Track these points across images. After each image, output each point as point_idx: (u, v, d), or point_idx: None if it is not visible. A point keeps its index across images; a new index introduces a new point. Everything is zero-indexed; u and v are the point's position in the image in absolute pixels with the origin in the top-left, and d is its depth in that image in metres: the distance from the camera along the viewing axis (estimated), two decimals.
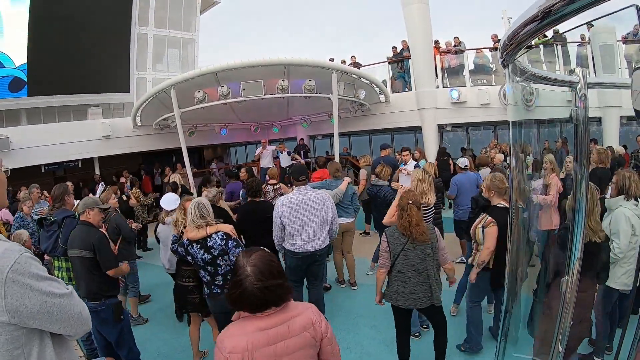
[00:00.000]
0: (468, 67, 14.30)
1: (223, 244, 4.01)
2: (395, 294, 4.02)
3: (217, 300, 4.15)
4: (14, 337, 1.46)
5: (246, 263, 1.97)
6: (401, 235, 3.96)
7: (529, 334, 3.05)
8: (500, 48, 2.04)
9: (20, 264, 1.45)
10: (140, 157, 17.73)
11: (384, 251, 4.04)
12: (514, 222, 2.79)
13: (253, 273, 1.93)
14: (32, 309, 1.46)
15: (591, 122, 6.01)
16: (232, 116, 14.99)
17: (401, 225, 3.94)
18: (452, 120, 14.22)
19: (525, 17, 1.57)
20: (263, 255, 2.03)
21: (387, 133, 18.18)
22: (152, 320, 6.23)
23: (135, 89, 17.36)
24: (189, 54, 19.88)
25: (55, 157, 13.69)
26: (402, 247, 3.94)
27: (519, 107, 2.61)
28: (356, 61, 16.17)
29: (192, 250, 4.05)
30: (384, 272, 4.08)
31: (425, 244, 3.93)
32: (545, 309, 2.81)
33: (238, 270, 1.98)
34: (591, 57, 4.77)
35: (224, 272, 4.07)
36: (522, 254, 2.83)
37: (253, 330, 1.94)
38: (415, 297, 3.96)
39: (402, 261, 3.96)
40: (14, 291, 1.41)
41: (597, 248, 3.49)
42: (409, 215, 3.90)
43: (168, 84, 11.35)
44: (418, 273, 3.94)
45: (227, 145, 22.60)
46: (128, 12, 16.73)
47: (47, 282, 1.53)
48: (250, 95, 10.80)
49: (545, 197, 4.12)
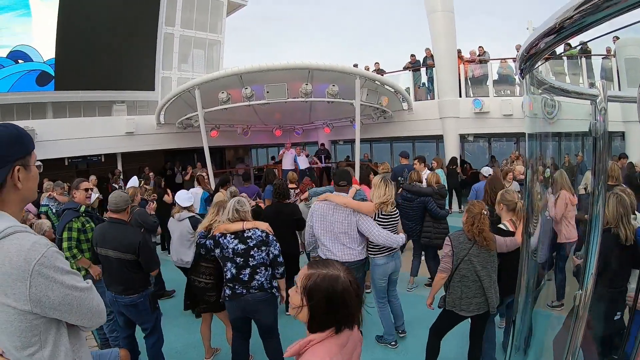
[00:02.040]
0: (492, 77, 14.18)
1: (264, 235, 4.05)
2: (459, 299, 4.01)
3: (239, 301, 4.05)
4: (33, 325, 1.53)
5: (340, 271, 1.72)
6: (466, 240, 3.99)
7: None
8: (519, 58, 2.04)
9: (47, 257, 1.51)
10: (162, 155, 17.95)
11: (447, 255, 4.04)
12: (526, 235, 2.77)
13: (349, 279, 1.70)
14: (55, 300, 1.52)
15: (614, 137, 5.92)
16: (255, 118, 15.10)
17: (471, 231, 3.95)
18: (474, 130, 14.12)
19: (543, 28, 1.57)
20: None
21: (408, 141, 18.08)
22: (165, 316, 6.28)
23: (160, 87, 17.56)
24: (214, 55, 20.07)
25: (79, 151, 13.99)
26: (466, 252, 3.96)
27: (535, 118, 2.59)
28: (380, 68, 16.16)
29: (224, 241, 4.02)
30: (446, 276, 4.07)
31: (490, 252, 3.99)
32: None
33: (330, 280, 1.69)
34: (616, 70, 4.69)
35: (254, 264, 4.01)
36: (531, 266, 2.80)
37: (337, 351, 1.67)
38: (478, 301, 3.97)
39: (466, 266, 3.96)
40: (39, 282, 1.48)
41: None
42: (481, 224, 3.92)
43: (193, 84, 11.51)
44: (479, 279, 3.95)
45: (249, 147, 22.74)
46: (155, 12, 16.95)
47: (70, 275, 1.60)
48: (273, 98, 10.88)
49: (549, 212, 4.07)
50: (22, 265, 1.46)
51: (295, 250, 6.23)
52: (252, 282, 4.01)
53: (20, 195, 1.64)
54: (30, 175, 1.67)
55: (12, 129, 1.63)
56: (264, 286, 4.07)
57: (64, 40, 14.66)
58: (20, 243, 1.49)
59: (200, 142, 12.28)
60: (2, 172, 1.56)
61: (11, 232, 1.50)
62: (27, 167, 1.65)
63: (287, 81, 10.80)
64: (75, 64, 14.99)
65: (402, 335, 5.38)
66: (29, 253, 1.48)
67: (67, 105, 15.63)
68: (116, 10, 15.56)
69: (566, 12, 1.38)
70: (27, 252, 1.48)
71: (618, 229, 3.20)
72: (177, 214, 5.87)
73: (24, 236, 1.52)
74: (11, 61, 14.13)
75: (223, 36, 20.07)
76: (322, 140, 18.29)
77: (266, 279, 4.09)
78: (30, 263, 1.46)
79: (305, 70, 10.94)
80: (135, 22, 16.43)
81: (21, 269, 1.46)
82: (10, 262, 1.45)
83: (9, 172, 1.58)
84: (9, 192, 1.60)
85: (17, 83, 14.26)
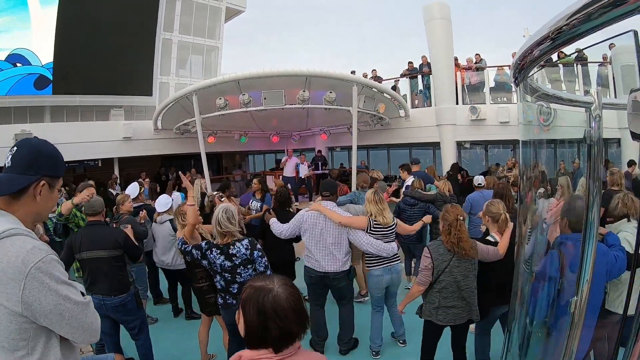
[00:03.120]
0: (488, 85, 14.25)
1: (248, 253, 3.96)
2: (435, 309, 3.91)
3: (231, 310, 4.07)
4: (22, 328, 1.52)
5: (275, 284, 1.64)
6: (446, 251, 3.84)
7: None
8: (513, 66, 2.06)
9: (44, 263, 1.52)
10: (160, 160, 17.95)
11: (427, 268, 3.88)
12: (519, 243, 2.78)
13: (285, 294, 1.60)
14: (46, 307, 1.52)
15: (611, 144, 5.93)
16: (252, 124, 15.12)
17: (449, 241, 3.81)
18: (471, 138, 14.17)
19: (536, 37, 1.59)
20: (285, 280, 1.70)
21: (405, 148, 18.12)
22: (161, 321, 6.28)
23: (158, 93, 17.58)
24: (212, 61, 20.09)
25: (76, 155, 13.91)
26: (447, 264, 3.82)
27: (528, 125, 2.61)
28: (377, 75, 16.23)
29: (211, 256, 3.97)
30: (423, 289, 3.94)
31: (471, 260, 3.88)
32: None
33: (260, 294, 1.61)
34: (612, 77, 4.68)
35: (242, 281, 3.97)
36: (524, 274, 2.81)
37: None
38: (455, 312, 3.89)
39: (447, 277, 3.83)
40: (32, 286, 1.48)
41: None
42: (459, 232, 3.80)
43: (190, 89, 11.54)
44: (459, 289, 3.85)
45: (246, 153, 22.74)
46: (154, 18, 16.99)
47: (66, 286, 1.59)
48: (271, 105, 10.91)
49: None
50: (19, 266, 1.46)
51: (290, 257, 6.25)
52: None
53: (35, 208, 1.67)
54: (51, 196, 1.71)
55: (57, 150, 1.70)
56: None
57: (63, 45, 14.68)
58: (21, 245, 1.50)
59: (197, 147, 12.30)
60: (30, 178, 1.61)
61: (14, 233, 1.51)
62: (52, 187, 1.70)
63: (284, 88, 10.83)
64: (73, 68, 15.00)
65: (402, 345, 5.36)
66: (27, 255, 1.48)
67: (65, 109, 15.63)
68: (115, 15, 15.58)
69: (559, 22, 1.40)
70: (26, 254, 1.49)
71: None
72: (159, 217, 6.25)
73: (26, 239, 1.54)
74: (9, 64, 14.14)
75: (221, 42, 20.10)
76: (319, 147, 18.31)
77: None
78: (28, 265, 1.47)
79: (303, 77, 10.96)
80: (133, 28, 16.46)
81: (17, 270, 1.46)
82: (7, 261, 1.46)
83: (36, 182, 1.62)
84: (26, 201, 1.63)
85: (15, 86, 14.27)
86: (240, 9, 21.20)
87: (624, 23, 1.21)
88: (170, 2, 17.54)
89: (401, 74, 15.79)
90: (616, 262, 2.86)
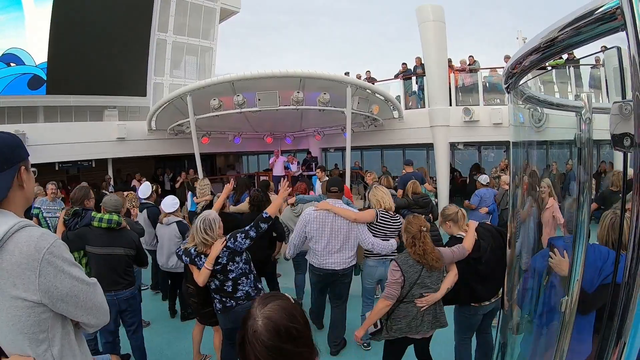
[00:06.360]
0: (481, 86, 14.33)
1: (227, 254, 3.94)
2: (411, 321, 3.70)
3: (231, 313, 4.06)
4: (41, 319, 1.55)
5: (259, 313, 1.44)
6: (415, 263, 3.68)
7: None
8: (504, 74, 2.11)
9: (56, 247, 1.56)
10: (153, 161, 17.92)
11: (396, 282, 3.66)
12: (510, 245, 2.82)
13: (264, 328, 1.40)
14: (62, 290, 1.55)
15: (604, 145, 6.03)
16: (246, 125, 15.18)
17: (415, 253, 3.66)
18: (464, 139, 14.23)
19: (527, 48, 1.65)
20: (284, 307, 1.47)
21: (399, 149, 18.18)
22: (156, 322, 6.29)
23: (152, 93, 17.56)
24: (206, 61, 20.10)
25: (69, 156, 13.96)
26: (418, 275, 3.67)
27: (519, 127, 2.66)
28: (371, 76, 16.29)
29: (200, 263, 3.98)
30: (391, 304, 3.69)
31: (439, 270, 3.77)
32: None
33: (247, 321, 1.45)
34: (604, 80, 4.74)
35: (234, 277, 3.98)
36: (515, 276, 2.86)
37: None
38: (429, 319, 3.76)
39: (419, 290, 3.69)
40: (47, 271, 1.51)
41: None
42: (423, 244, 3.67)
43: (185, 90, 11.56)
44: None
45: (240, 154, 22.74)
46: (148, 18, 16.99)
47: (77, 268, 1.64)
48: (265, 106, 10.96)
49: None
50: (33, 253, 1.49)
51: (264, 256, 5.96)
52: (238, 293, 4.02)
53: (24, 195, 1.70)
54: (30, 177, 1.74)
55: (11, 135, 1.70)
56: (251, 294, 4.07)
57: (57, 45, 14.67)
58: (30, 234, 1.53)
59: (191, 148, 12.34)
60: (11, 172, 1.62)
61: (23, 226, 1.54)
62: (28, 169, 1.72)
63: (278, 89, 10.88)
64: (67, 69, 14.99)
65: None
66: (38, 242, 1.51)
67: (59, 109, 15.62)
68: (109, 16, 15.59)
69: (550, 34, 1.46)
70: (37, 240, 1.52)
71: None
72: (165, 218, 6.04)
73: (33, 228, 1.57)
74: (3, 64, 14.13)
75: (215, 43, 20.12)
76: (313, 148, 18.38)
77: (251, 287, 4.09)
78: (41, 251, 1.50)
79: (297, 78, 11.02)
80: (128, 28, 16.46)
81: (31, 257, 1.49)
82: (20, 252, 1.48)
83: (17, 172, 1.64)
84: (15, 193, 1.65)
85: (9, 86, 14.27)
86: (235, 9, 21.23)
87: (611, 38, 1.27)
88: (164, 2, 17.57)
89: (395, 75, 15.84)
90: (608, 258, 2.91)
